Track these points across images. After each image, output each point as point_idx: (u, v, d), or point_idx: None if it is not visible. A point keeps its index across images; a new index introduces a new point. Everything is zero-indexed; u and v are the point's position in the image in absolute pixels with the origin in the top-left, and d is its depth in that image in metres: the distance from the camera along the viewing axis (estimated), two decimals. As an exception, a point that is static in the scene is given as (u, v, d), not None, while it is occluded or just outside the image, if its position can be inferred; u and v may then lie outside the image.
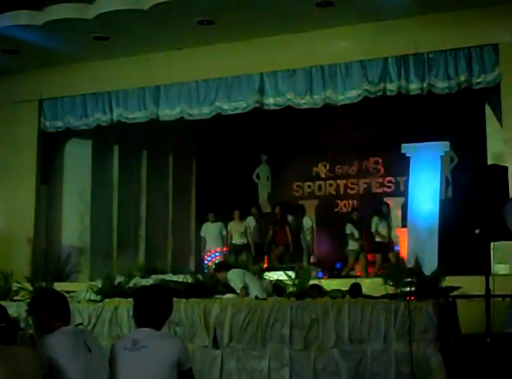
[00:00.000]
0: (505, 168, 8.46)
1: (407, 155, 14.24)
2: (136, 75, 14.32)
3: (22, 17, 13.19)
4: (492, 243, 9.36)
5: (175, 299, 5.63)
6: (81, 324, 7.91)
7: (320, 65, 13.19)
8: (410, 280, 7.92)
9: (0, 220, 15.34)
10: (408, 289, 7.84)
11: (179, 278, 10.30)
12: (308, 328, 7.89)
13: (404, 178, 16.29)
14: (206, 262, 15.06)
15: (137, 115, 14.56)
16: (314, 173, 18.24)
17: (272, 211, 15.56)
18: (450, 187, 14.93)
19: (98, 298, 9.20)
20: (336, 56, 13.11)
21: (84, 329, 5.51)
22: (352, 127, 16.59)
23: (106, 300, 9.03)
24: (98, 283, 9.54)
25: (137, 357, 4.63)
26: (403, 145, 14.28)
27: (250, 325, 8.09)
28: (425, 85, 12.50)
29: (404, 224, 15.53)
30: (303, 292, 8.58)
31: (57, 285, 9.41)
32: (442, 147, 14.17)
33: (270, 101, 13.60)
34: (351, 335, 7.72)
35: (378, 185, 17.65)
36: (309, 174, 18.21)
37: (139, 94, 14.51)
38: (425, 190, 13.47)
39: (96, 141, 16.02)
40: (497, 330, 8.06)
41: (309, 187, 18.29)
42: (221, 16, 12.58)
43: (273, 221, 15.15)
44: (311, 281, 9.35)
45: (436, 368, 7.39)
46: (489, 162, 12.25)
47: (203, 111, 14.07)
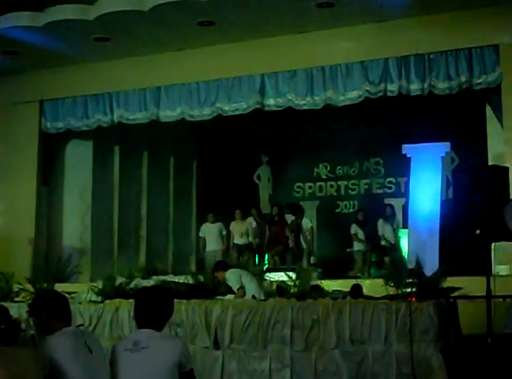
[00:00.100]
0: (505, 169, 8.48)
1: (408, 155, 14.19)
2: (137, 76, 14.32)
3: (23, 18, 13.19)
4: (493, 244, 9.35)
5: (176, 300, 5.62)
6: (82, 325, 7.93)
7: (321, 65, 13.19)
8: (411, 281, 7.93)
9: (1, 221, 15.34)
10: (409, 290, 7.84)
11: (180, 279, 10.33)
12: (309, 329, 7.89)
13: (404, 179, 16.28)
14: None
15: (138, 116, 14.56)
16: (315, 174, 18.24)
17: (270, 212, 15.53)
18: (451, 188, 14.92)
19: (99, 299, 9.20)
20: (336, 57, 13.11)
21: (85, 330, 5.51)
22: (353, 128, 16.58)
23: (107, 301, 9.04)
24: (99, 284, 9.55)
25: (138, 358, 4.63)
26: (404, 146, 14.24)
27: (251, 326, 8.09)
28: (426, 86, 12.49)
29: (404, 225, 15.51)
30: (304, 293, 8.59)
31: (58, 286, 9.42)
32: (443, 147, 14.13)
33: (271, 102, 13.60)
34: (352, 336, 7.72)
35: (379, 185, 17.65)
36: (310, 175, 18.20)
37: (140, 95, 14.51)
38: (426, 191, 13.43)
39: (97, 142, 16.01)
40: (498, 331, 8.06)
41: (310, 188, 18.27)
42: (222, 17, 12.59)
43: (271, 222, 15.12)
44: (312, 282, 9.35)
45: (437, 368, 7.39)
46: (490, 162, 12.24)
47: (204, 112, 14.07)
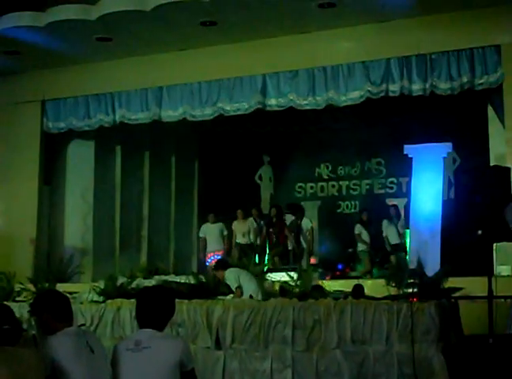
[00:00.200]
0: (507, 169, 8.46)
1: (409, 156, 14.18)
2: (138, 76, 14.32)
3: (25, 18, 13.19)
4: (495, 244, 9.35)
5: (178, 300, 5.63)
6: (84, 325, 7.92)
7: (322, 66, 13.18)
8: (412, 281, 7.92)
9: (2, 221, 15.34)
10: (411, 290, 7.83)
11: (182, 279, 10.33)
12: (310, 329, 7.88)
13: (406, 179, 16.27)
14: (207, 263, 15.03)
15: (140, 116, 14.56)
16: (317, 174, 18.23)
17: (269, 213, 15.52)
18: (453, 188, 14.89)
19: (100, 299, 9.20)
20: (338, 57, 13.11)
21: (86, 330, 5.50)
22: (355, 128, 16.57)
23: (108, 301, 9.03)
24: (100, 284, 9.55)
25: (140, 358, 4.63)
26: (405, 146, 14.23)
27: (253, 326, 8.08)
28: (427, 86, 12.49)
29: (406, 225, 15.50)
30: (306, 293, 8.59)
31: (59, 286, 9.43)
32: (445, 148, 14.11)
33: (272, 102, 13.59)
34: (353, 336, 7.72)
35: (381, 186, 17.64)
36: (311, 175, 18.20)
37: (142, 95, 14.50)
38: (427, 191, 13.41)
39: (99, 142, 16.01)
40: (499, 331, 8.06)
41: (311, 188, 18.27)
42: (224, 17, 12.58)
43: (269, 223, 15.11)
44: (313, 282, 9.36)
45: (438, 369, 7.38)
46: (491, 163, 12.22)
47: (205, 112, 14.06)
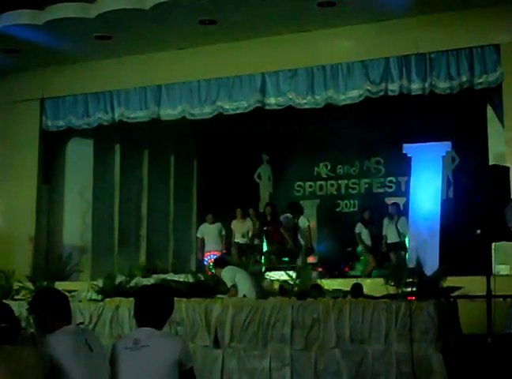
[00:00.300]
0: (506, 168, 8.45)
1: (408, 155, 14.16)
2: (137, 74, 14.30)
3: (24, 16, 13.17)
4: (493, 244, 9.34)
5: (176, 299, 5.64)
6: (82, 323, 7.91)
7: (322, 64, 13.17)
8: (411, 280, 7.93)
9: (1, 219, 15.34)
10: (409, 289, 7.84)
11: (180, 277, 10.35)
12: (309, 328, 7.89)
13: (405, 178, 16.28)
14: (205, 262, 15.03)
15: (139, 115, 14.55)
16: (316, 173, 18.22)
17: (263, 211, 15.51)
18: (452, 187, 14.91)
19: (99, 298, 9.21)
20: (337, 56, 13.10)
21: (85, 328, 5.49)
22: (354, 127, 16.56)
23: (107, 299, 9.04)
24: (99, 283, 9.55)
25: (138, 356, 4.63)
26: (404, 145, 14.21)
27: (251, 325, 8.09)
28: (427, 85, 12.48)
29: (406, 224, 15.49)
30: (304, 292, 8.59)
31: (58, 284, 9.43)
32: (444, 147, 14.10)
33: (272, 101, 13.58)
34: (352, 335, 7.72)
35: (380, 185, 17.64)
36: (310, 174, 18.19)
37: (141, 93, 14.49)
38: (426, 190, 13.40)
39: (98, 141, 15.99)
40: (498, 331, 8.06)
41: (310, 187, 18.26)
42: (223, 15, 12.57)
43: (264, 221, 15.09)
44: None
45: (437, 368, 7.39)
46: (490, 162, 12.22)
47: (204, 111, 14.05)
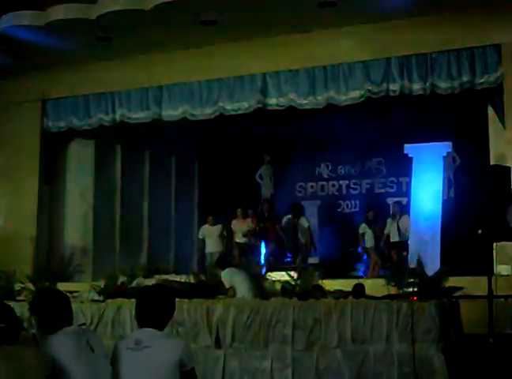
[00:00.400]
0: (507, 169, 8.47)
1: (409, 155, 14.17)
2: (138, 75, 14.31)
3: (25, 18, 13.19)
4: (495, 244, 9.34)
5: (178, 299, 5.63)
6: (84, 324, 7.91)
7: (322, 65, 13.18)
8: (412, 281, 7.93)
9: (3, 220, 15.35)
10: (411, 289, 7.84)
11: (182, 278, 10.33)
12: (311, 329, 7.89)
13: (406, 179, 16.25)
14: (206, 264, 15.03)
15: (140, 116, 14.56)
16: (317, 173, 18.21)
17: (260, 208, 15.50)
18: (453, 187, 14.92)
19: (101, 298, 9.21)
20: (338, 56, 13.10)
21: (87, 329, 5.49)
22: (355, 128, 16.54)
23: (108, 300, 9.05)
24: (101, 283, 9.55)
25: (140, 357, 4.63)
26: (405, 146, 14.22)
27: (253, 325, 8.09)
28: (428, 86, 12.49)
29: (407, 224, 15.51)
30: (306, 292, 8.58)
31: (60, 285, 9.42)
32: (445, 147, 14.10)
33: (273, 101, 13.59)
34: (353, 335, 7.72)
35: (381, 185, 17.64)
36: (311, 175, 18.18)
37: (142, 94, 14.51)
38: (427, 191, 13.40)
39: (99, 142, 16.00)
40: (499, 330, 8.07)
41: (311, 187, 18.25)
42: (224, 16, 12.57)
43: (261, 217, 15.07)
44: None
45: (438, 368, 7.39)
46: (492, 163, 12.20)
47: (206, 112, 14.06)
